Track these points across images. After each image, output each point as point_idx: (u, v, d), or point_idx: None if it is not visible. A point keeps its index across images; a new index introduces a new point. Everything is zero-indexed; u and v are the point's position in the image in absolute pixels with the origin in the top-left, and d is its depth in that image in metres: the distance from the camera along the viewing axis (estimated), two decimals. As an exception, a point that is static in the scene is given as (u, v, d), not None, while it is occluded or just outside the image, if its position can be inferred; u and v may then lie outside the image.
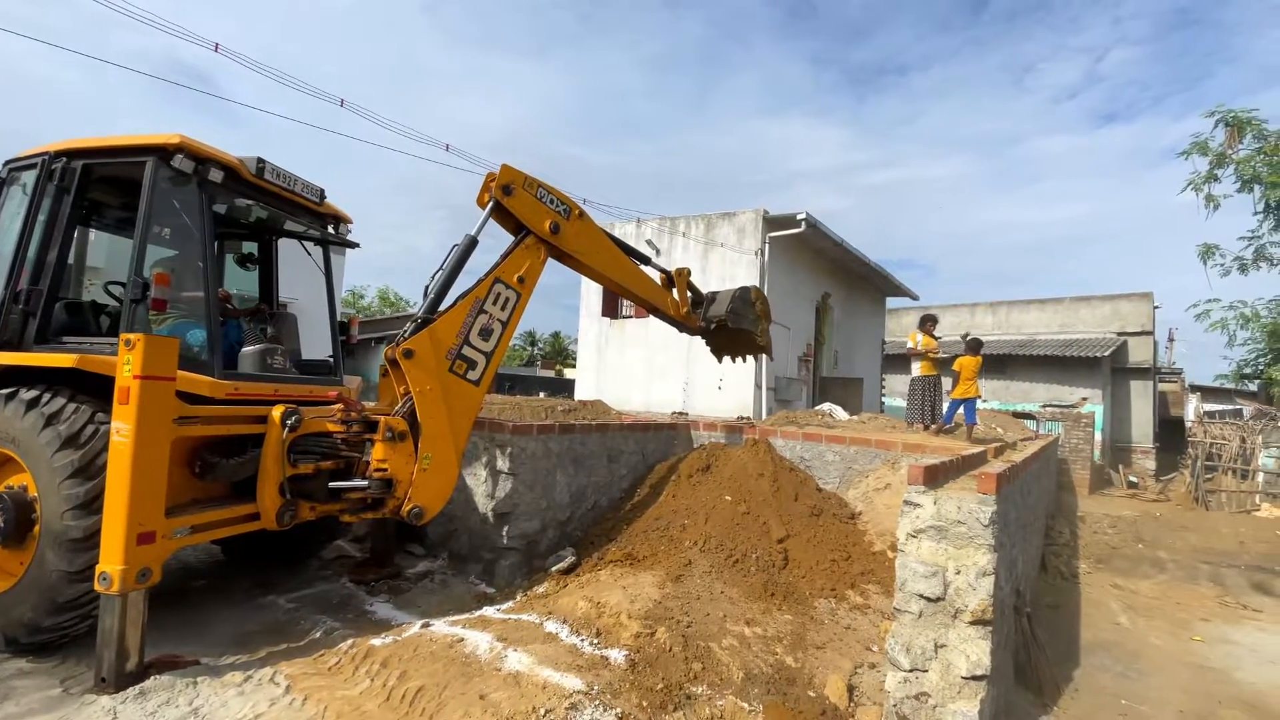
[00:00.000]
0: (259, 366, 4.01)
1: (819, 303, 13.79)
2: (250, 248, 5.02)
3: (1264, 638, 5.59)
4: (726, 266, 11.46)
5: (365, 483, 3.76)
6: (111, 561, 2.90)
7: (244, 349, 4.07)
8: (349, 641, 3.58)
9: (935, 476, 3.12)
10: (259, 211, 4.39)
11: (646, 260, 5.48)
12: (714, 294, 6.05)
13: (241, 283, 5.32)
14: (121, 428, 2.94)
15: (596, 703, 2.91)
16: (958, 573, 2.72)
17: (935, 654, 2.68)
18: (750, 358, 6.79)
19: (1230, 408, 19.95)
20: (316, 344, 5.15)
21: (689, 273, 5.77)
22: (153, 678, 3.05)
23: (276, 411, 3.73)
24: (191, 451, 3.64)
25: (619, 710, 2.87)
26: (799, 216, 10.81)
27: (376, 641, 3.58)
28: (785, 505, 5.38)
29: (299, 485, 3.92)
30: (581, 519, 5.86)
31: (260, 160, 3.88)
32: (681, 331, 6.15)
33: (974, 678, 2.59)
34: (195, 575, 4.83)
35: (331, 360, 4.80)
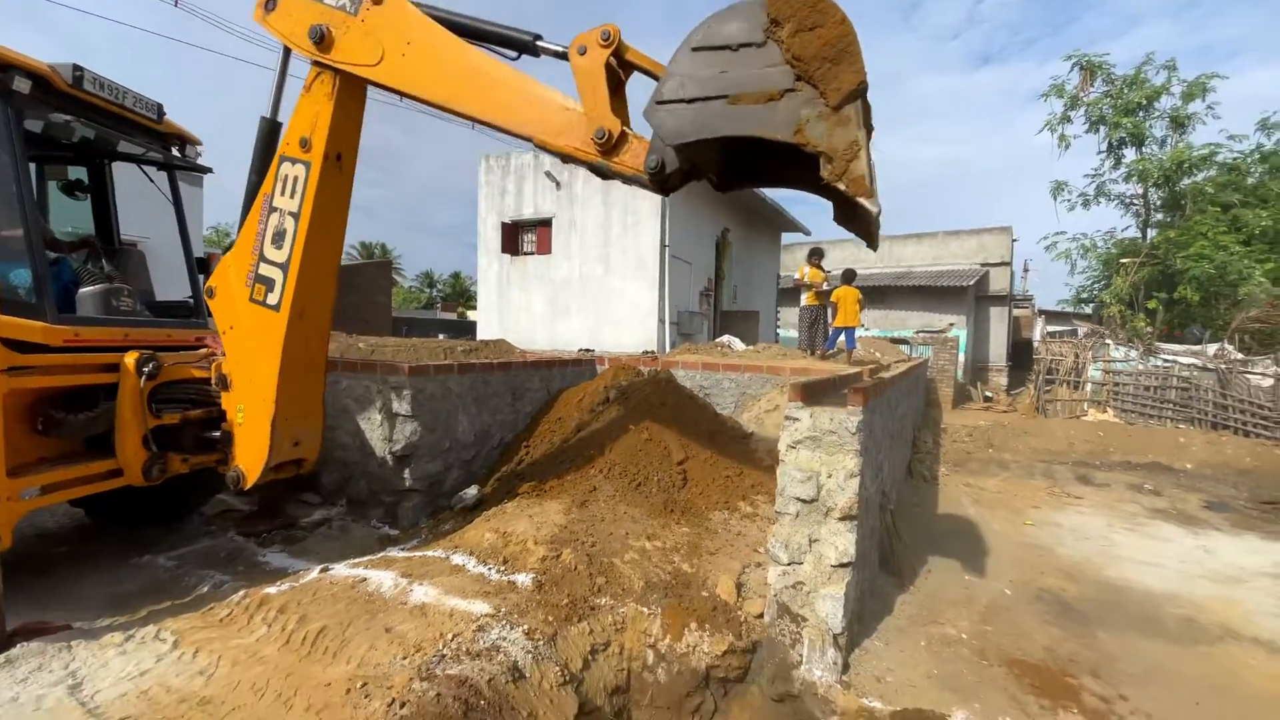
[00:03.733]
0: (102, 309, 3.58)
1: (719, 239, 14.08)
2: (79, 174, 4.37)
3: (1082, 520, 6.66)
4: (628, 199, 11.37)
5: (217, 434, 3.53)
6: (-54, 529, 2.60)
7: (82, 290, 3.61)
8: (241, 593, 3.46)
9: (813, 394, 3.38)
10: (84, 130, 3.80)
11: (528, 47, 2.99)
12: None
13: (74, 217, 4.65)
14: (-66, 381, 2.57)
15: (504, 622, 3.03)
16: (829, 476, 3.01)
17: (809, 548, 3.00)
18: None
19: (1069, 329, 22.76)
20: (177, 286, 4.66)
21: (611, 43, 2.65)
22: (19, 645, 2.82)
23: (130, 358, 3.39)
24: (31, 406, 3.25)
25: (526, 626, 3.00)
26: (697, 150, 10.82)
27: (271, 590, 3.48)
28: (685, 430, 5.65)
29: (167, 437, 3.64)
30: (487, 456, 5.87)
31: (77, 68, 3.33)
32: (611, 179, 2.89)
33: (841, 565, 2.94)
34: (57, 541, 4.40)
35: (191, 301, 4.37)
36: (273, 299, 3.28)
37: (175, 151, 4.16)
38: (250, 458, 3.48)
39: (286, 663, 2.78)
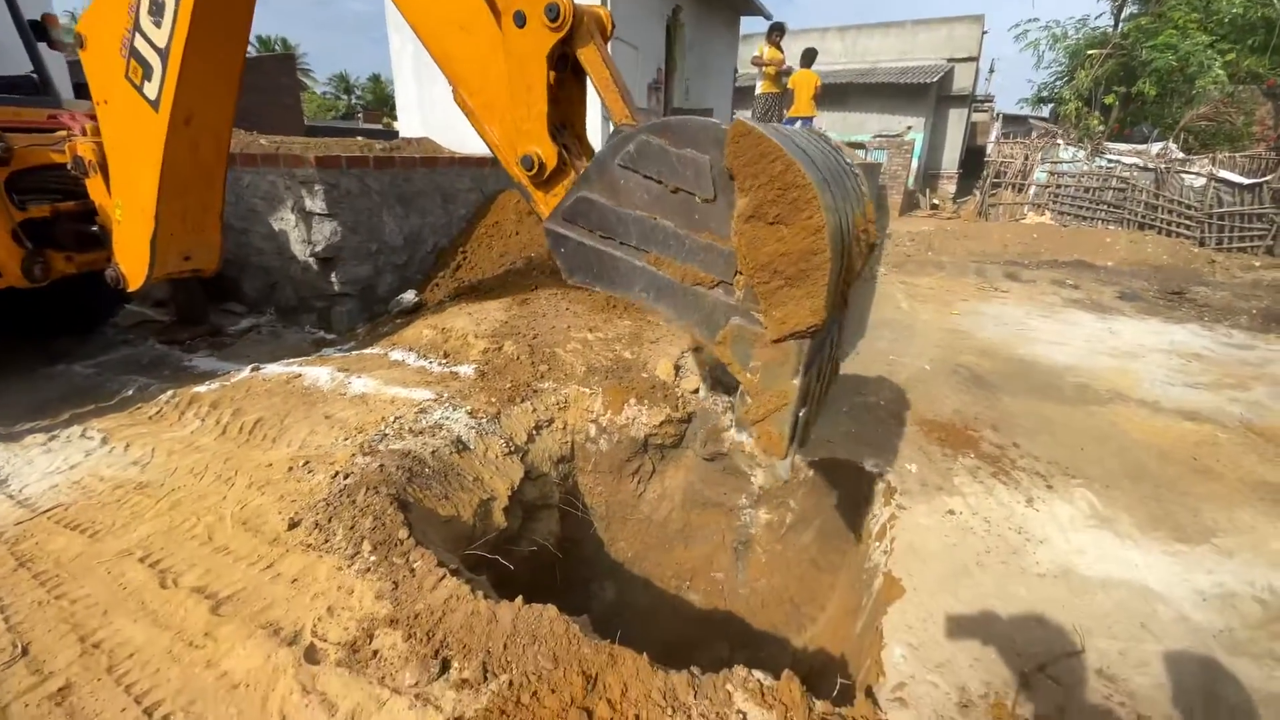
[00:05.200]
0: (-86, 77, 2.94)
1: (669, 19, 12.53)
2: None
3: (1004, 309, 7.05)
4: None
5: (95, 229, 3.13)
6: None
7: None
8: (169, 392, 3.36)
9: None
10: None
11: None
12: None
13: None
14: None
15: (447, 405, 3.06)
16: (769, 252, 2.94)
17: (745, 324, 3.03)
18: None
19: (1024, 130, 22.38)
20: (13, 64, 3.85)
21: (560, 26, 1.64)
22: (-74, 451, 2.71)
23: (-35, 139, 2.86)
24: None
25: (469, 408, 3.04)
26: (642, -100, 9.12)
27: (201, 389, 3.39)
28: (628, 229, 5.45)
29: (42, 232, 3.24)
30: (421, 262, 5.59)
31: None
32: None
33: (775, 338, 2.99)
34: (-46, 358, 4.12)
35: (35, 76, 3.64)
36: (150, 90, 2.61)
37: None
38: (131, 265, 3.10)
39: (224, 449, 2.78)
